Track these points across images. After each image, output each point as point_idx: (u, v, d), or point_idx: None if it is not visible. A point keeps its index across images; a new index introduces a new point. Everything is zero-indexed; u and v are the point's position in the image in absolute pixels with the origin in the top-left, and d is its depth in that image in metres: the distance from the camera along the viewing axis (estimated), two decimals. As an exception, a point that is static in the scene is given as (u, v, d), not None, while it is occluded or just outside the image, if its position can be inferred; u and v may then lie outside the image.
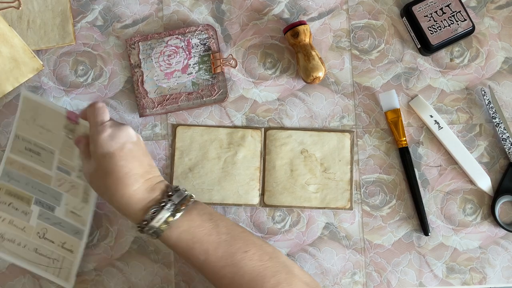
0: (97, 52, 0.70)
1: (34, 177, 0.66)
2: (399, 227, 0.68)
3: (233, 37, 0.71)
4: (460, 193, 0.69)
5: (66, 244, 0.66)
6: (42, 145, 0.65)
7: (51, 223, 0.66)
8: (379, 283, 0.68)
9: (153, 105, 0.69)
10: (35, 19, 0.70)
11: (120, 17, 0.71)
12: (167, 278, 0.68)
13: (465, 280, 0.68)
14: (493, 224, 0.68)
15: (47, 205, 0.66)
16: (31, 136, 0.66)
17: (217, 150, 0.69)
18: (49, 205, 0.66)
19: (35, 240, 0.66)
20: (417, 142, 0.69)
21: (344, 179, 0.69)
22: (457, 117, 0.70)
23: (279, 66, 0.70)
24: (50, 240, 0.66)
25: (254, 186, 0.68)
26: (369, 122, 0.70)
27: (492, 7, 0.71)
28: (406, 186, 0.69)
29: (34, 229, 0.66)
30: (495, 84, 0.70)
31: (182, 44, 0.69)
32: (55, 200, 0.66)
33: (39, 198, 0.66)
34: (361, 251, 0.68)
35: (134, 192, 0.55)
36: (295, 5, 0.71)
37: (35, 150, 0.66)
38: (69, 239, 0.66)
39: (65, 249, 0.66)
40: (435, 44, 0.68)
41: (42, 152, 0.66)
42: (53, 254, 0.66)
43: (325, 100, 0.70)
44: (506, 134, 0.68)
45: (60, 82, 0.70)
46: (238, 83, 0.70)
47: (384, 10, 0.71)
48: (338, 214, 0.69)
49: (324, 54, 0.70)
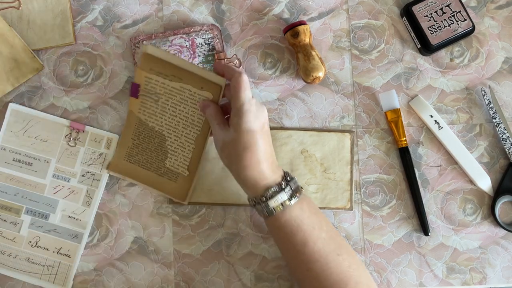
0: (97, 52, 0.70)
1: (24, 187, 0.67)
2: (399, 227, 0.68)
3: (233, 37, 0.71)
4: (460, 193, 0.69)
5: (62, 249, 0.67)
6: (35, 155, 0.67)
7: (45, 230, 0.67)
8: (379, 283, 0.68)
9: (153, 105, 0.69)
10: (35, 19, 0.70)
11: (120, 17, 0.71)
12: (167, 278, 0.68)
13: (465, 280, 0.68)
14: (493, 224, 0.68)
15: (40, 213, 0.67)
16: (20, 147, 0.67)
17: (217, 150, 0.69)
18: (42, 213, 0.67)
19: (27, 249, 0.67)
20: (417, 142, 0.70)
21: (344, 179, 0.69)
22: (457, 117, 0.70)
23: (279, 66, 0.70)
24: (43, 247, 0.67)
25: (254, 186, 0.68)
26: (369, 122, 0.70)
27: (492, 7, 0.71)
28: (406, 186, 0.69)
29: (25, 239, 0.67)
30: (495, 84, 0.70)
31: (187, 43, 0.69)
32: (49, 207, 0.67)
33: (30, 207, 0.67)
34: (361, 251, 0.68)
35: (262, 170, 0.58)
36: (295, 5, 0.71)
37: (25, 161, 0.67)
38: (66, 244, 0.67)
39: (61, 254, 0.67)
40: (435, 44, 0.68)
41: (34, 162, 0.67)
42: (47, 261, 0.67)
43: (325, 100, 0.70)
44: (506, 134, 0.68)
45: (60, 82, 0.70)
46: (238, 83, 0.70)
47: (384, 10, 0.71)
48: (338, 214, 0.69)
49: (324, 54, 0.70)
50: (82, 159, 0.68)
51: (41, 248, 0.67)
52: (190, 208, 0.69)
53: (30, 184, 0.67)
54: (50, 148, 0.67)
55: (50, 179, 0.67)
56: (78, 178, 0.67)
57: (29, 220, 0.67)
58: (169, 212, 0.69)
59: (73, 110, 0.69)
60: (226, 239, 0.68)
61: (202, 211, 0.69)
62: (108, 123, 0.69)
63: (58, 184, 0.67)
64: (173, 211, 0.69)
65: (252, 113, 0.57)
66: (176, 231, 0.68)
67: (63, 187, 0.67)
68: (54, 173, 0.67)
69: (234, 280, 0.68)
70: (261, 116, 0.58)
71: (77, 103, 0.70)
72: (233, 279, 0.68)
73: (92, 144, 0.68)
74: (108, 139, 0.68)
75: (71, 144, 0.66)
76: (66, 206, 0.67)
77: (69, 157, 0.67)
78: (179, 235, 0.68)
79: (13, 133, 0.67)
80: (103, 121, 0.69)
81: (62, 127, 0.67)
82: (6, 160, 0.67)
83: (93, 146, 0.68)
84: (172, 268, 0.68)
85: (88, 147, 0.68)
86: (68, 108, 0.69)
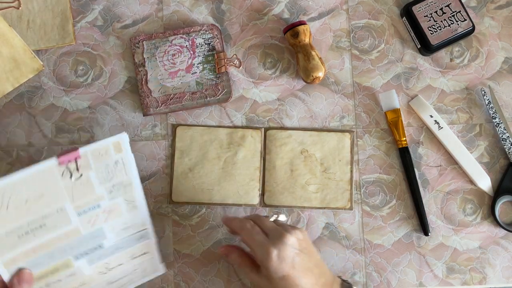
0: (97, 52, 0.70)
1: (55, 244, 0.56)
2: (399, 227, 0.68)
3: (233, 37, 0.71)
4: (460, 193, 0.69)
5: (135, 254, 0.62)
6: (40, 215, 0.54)
7: (107, 255, 0.60)
8: (379, 283, 0.68)
9: (157, 104, 0.69)
10: (35, 19, 0.70)
11: (120, 17, 0.71)
12: (167, 278, 0.68)
13: (465, 280, 0.68)
14: (493, 224, 0.68)
15: (90, 249, 0.58)
16: (17, 222, 0.53)
17: (217, 150, 0.69)
18: (93, 247, 0.58)
19: (101, 278, 0.61)
20: (417, 142, 0.70)
21: (344, 179, 0.69)
22: (457, 117, 0.70)
23: (279, 66, 0.70)
24: (116, 266, 0.61)
25: (254, 186, 0.68)
26: (369, 122, 0.70)
27: (492, 7, 0.71)
28: (406, 186, 0.69)
29: (94, 275, 0.60)
30: (495, 84, 0.70)
31: (187, 43, 0.69)
32: (96, 238, 0.58)
33: (77, 253, 0.58)
34: (361, 251, 0.68)
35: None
36: (295, 5, 0.71)
37: (34, 228, 0.54)
38: (136, 249, 0.62)
39: (138, 257, 0.62)
40: (435, 44, 0.68)
41: (46, 220, 0.54)
42: (127, 270, 0.62)
43: (325, 100, 0.70)
44: (506, 134, 0.68)
45: (60, 82, 0.70)
46: (238, 83, 0.70)
47: (384, 10, 0.71)
48: (338, 214, 0.69)
49: (324, 54, 0.70)
50: (99, 180, 0.55)
51: (115, 268, 0.61)
52: (190, 208, 0.69)
53: (60, 238, 0.55)
54: (53, 198, 0.53)
55: (77, 219, 0.56)
56: (107, 197, 0.56)
57: (84, 261, 0.58)
58: (169, 212, 0.69)
59: (73, 110, 0.69)
60: (226, 239, 0.68)
61: (202, 211, 0.69)
62: (108, 123, 0.69)
63: (90, 217, 0.56)
64: (173, 211, 0.69)
65: (274, 258, 0.54)
66: (176, 231, 0.68)
67: (97, 216, 0.57)
68: (77, 212, 0.55)
69: (234, 280, 0.68)
70: (286, 254, 0.54)
71: (77, 103, 0.70)
72: (233, 279, 0.68)
73: (100, 160, 0.55)
74: (115, 143, 0.55)
75: (74, 177, 0.54)
76: (113, 225, 0.58)
77: (83, 188, 0.55)
78: (179, 235, 0.68)
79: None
80: (103, 121, 0.69)
81: (51, 170, 0.52)
82: (12, 243, 0.53)
83: (103, 160, 0.55)
84: (172, 268, 0.68)
85: (98, 165, 0.55)
86: (68, 108, 0.69)
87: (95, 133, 0.69)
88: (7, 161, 0.69)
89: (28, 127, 0.69)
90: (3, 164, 0.69)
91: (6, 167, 0.69)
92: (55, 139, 0.69)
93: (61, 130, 0.69)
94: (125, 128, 0.69)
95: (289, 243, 0.55)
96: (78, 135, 0.69)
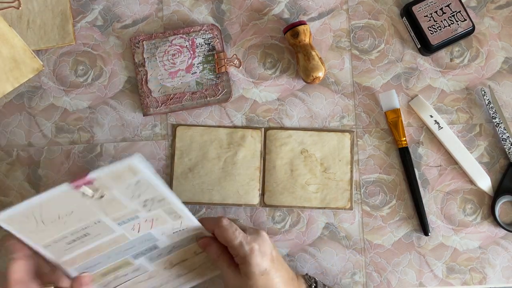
0: (97, 52, 0.70)
1: (107, 248, 0.54)
2: (399, 227, 0.68)
3: (233, 37, 0.71)
4: (460, 193, 0.69)
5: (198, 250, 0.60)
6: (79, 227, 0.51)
7: (166, 253, 0.58)
8: (379, 283, 0.68)
9: (157, 104, 0.69)
10: (35, 19, 0.70)
11: (120, 17, 0.71)
12: (167, 278, 0.68)
13: (465, 280, 0.68)
14: (493, 224, 0.68)
15: (147, 249, 0.56)
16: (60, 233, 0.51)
17: (217, 150, 0.69)
18: (148, 248, 0.56)
19: (168, 273, 0.60)
20: (417, 142, 0.70)
21: (344, 179, 0.69)
22: (457, 117, 0.70)
23: (279, 66, 0.70)
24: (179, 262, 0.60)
25: (254, 186, 0.68)
26: (369, 122, 0.70)
27: (492, 7, 0.71)
28: (406, 186, 0.69)
29: (158, 269, 0.59)
30: (495, 84, 0.70)
31: (187, 43, 0.69)
32: (147, 241, 0.55)
33: (133, 253, 0.56)
34: (361, 251, 0.68)
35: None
36: (295, 5, 0.71)
37: (78, 237, 0.51)
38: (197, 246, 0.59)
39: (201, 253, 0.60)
40: (435, 44, 0.68)
41: (87, 230, 0.51)
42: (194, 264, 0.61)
43: (325, 100, 0.70)
44: (506, 134, 0.68)
45: (60, 82, 0.70)
46: (238, 83, 0.70)
47: (384, 10, 0.71)
48: (338, 214, 0.69)
49: (324, 54, 0.70)
50: (126, 197, 0.50)
51: (179, 264, 0.60)
52: (190, 208, 0.69)
53: (109, 243, 0.53)
54: (84, 214, 0.50)
55: (119, 228, 0.52)
56: (143, 210, 0.51)
57: (144, 259, 0.57)
58: (169, 212, 0.69)
59: (73, 110, 0.69)
60: (226, 239, 0.68)
61: (202, 211, 0.69)
62: (108, 123, 0.69)
63: (133, 225, 0.53)
64: (173, 211, 0.69)
65: (256, 253, 0.54)
66: (176, 231, 0.68)
67: (139, 224, 0.53)
68: (117, 222, 0.52)
69: (234, 280, 0.68)
70: (265, 249, 0.55)
71: (77, 103, 0.70)
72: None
73: (118, 182, 0.48)
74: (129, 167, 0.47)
75: (96, 197, 0.49)
76: (162, 230, 0.55)
77: (112, 204, 0.50)
78: (179, 235, 0.68)
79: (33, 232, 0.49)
80: (103, 121, 0.69)
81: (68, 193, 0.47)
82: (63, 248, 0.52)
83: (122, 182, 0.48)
84: (172, 268, 0.68)
85: (118, 185, 0.48)
86: (68, 108, 0.69)
87: (95, 133, 0.69)
88: (7, 161, 0.69)
89: (28, 127, 0.69)
90: (3, 164, 0.69)
91: (6, 167, 0.69)
92: (55, 139, 0.69)
93: (61, 130, 0.69)
94: (125, 128, 0.69)
95: (266, 238, 0.56)
96: (78, 135, 0.69)
